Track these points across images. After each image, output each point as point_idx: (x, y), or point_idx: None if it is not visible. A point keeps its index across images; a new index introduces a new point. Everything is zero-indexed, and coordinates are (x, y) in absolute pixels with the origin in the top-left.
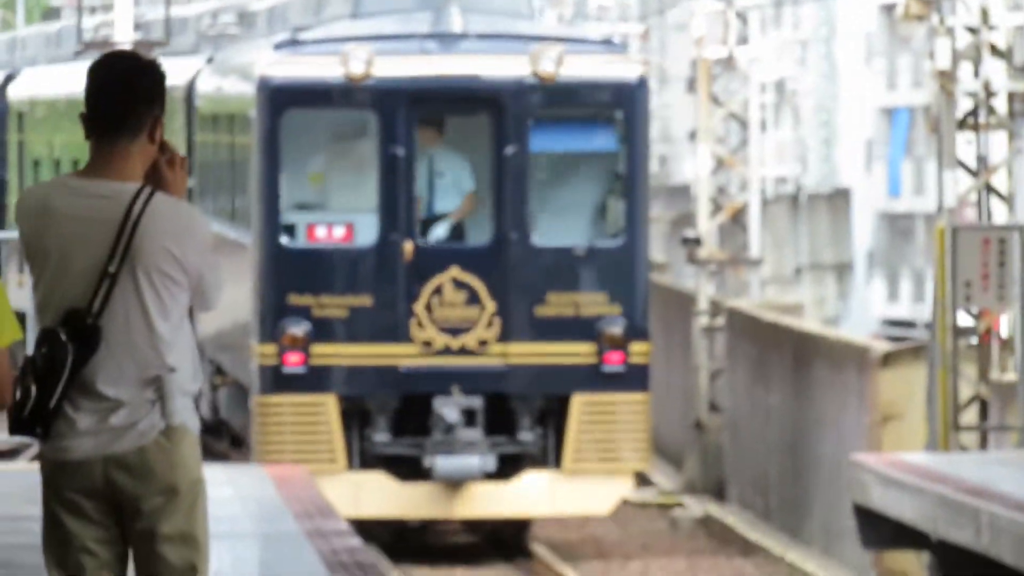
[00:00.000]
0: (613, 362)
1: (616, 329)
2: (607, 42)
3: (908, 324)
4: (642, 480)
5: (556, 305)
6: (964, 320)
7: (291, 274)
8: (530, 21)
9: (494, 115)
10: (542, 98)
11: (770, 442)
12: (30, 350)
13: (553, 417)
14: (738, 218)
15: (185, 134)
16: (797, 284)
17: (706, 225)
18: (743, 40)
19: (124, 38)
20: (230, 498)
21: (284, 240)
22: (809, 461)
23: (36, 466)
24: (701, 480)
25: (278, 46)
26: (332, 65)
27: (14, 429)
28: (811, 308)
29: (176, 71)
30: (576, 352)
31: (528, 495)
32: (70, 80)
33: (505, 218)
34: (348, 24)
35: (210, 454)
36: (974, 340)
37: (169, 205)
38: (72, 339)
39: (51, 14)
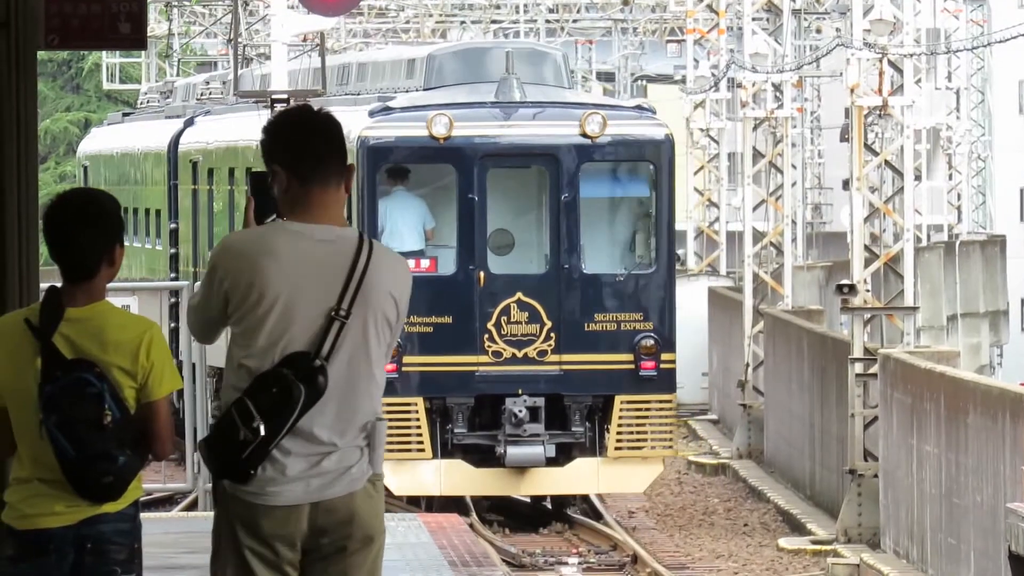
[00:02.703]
0: (647, 368)
1: (650, 342)
2: (639, 108)
3: None
4: (796, 528)
5: (601, 322)
6: None
7: None
8: (573, 91)
9: (551, 168)
10: (589, 154)
11: (924, 490)
12: None
13: (599, 413)
14: (893, 266)
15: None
16: (951, 332)
17: (861, 273)
18: (897, 89)
19: (280, 87)
20: (388, 546)
21: None
22: (964, 509)
23: (189, 515)
24: (855, 528)
25: (372, 113)
26: (419, 128)
27: (220, 472)
28: (965, 356)
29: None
30: (617, 360)
31: (579, 477)
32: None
33: (560, 251)
34: (425, 94)
35: None
36: None
37: (388, 253)
38: (301, 381)
39: (205, 65)
